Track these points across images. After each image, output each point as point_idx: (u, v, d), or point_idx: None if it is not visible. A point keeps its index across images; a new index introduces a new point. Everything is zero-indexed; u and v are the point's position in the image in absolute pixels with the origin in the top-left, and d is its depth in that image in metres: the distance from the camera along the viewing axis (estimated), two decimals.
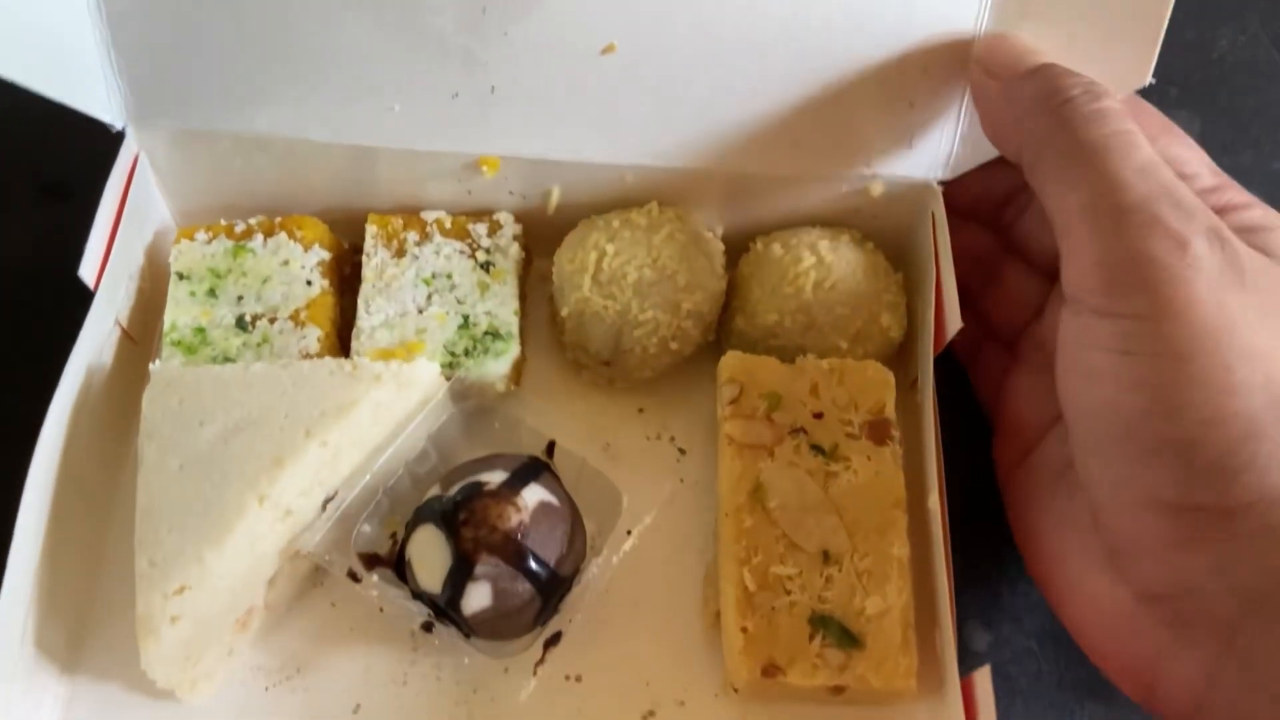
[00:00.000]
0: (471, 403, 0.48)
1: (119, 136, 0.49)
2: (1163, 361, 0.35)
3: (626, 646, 0.46)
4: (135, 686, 0.44)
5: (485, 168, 0.49)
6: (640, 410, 0.52)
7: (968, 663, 0.45)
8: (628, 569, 0.47)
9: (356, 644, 0.46)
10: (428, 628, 0.42)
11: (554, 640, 0.44)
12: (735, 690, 0.44)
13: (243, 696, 0.45)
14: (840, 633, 0.42)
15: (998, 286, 0.50)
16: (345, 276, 0.52)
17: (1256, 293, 0.35)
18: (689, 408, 0.52)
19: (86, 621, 0.45)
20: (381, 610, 0.46)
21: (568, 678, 0.46)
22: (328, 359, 0.45)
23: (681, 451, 0.51)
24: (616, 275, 0.48)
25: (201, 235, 0.50)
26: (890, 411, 0.47)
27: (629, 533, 0.44)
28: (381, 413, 0.44)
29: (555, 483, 0.45)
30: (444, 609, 0.43)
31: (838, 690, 0.42)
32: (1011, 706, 0.46)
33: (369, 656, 0.46)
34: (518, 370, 0.50)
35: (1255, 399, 0.34)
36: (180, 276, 0.49)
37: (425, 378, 0.45)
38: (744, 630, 0.42)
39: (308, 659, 0.46)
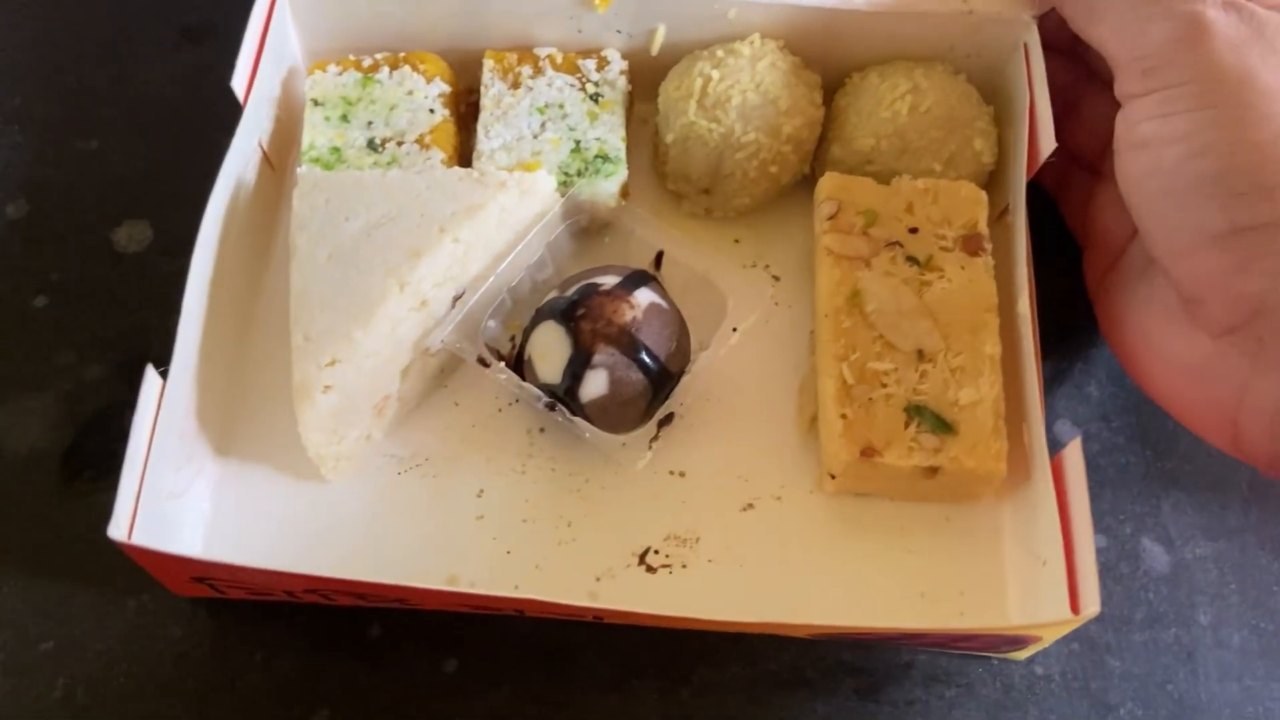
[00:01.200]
0: (585, 216, 0.51)
1: None
2: (1193, 113, 0.40)
3: (727, 446, 0.50)
4: (281, 468, 0.48)
5: (596, 2, 0.52)
6: (737, 241, 0.55)
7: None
8: (728, 377, 0.50)
9: (479, 439, 0.50)
10: (551, 407, 0.46)
11: (667, 420, 0.47)
12: (832, 477, 0.47)
13: (378, 479, 0.49)
14: (935, 420, 0.45)
15: (1080, 113, 0.52)
16: (462, 115, 0.56)
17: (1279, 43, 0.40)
18: (784, 239, 0.55)
19: (237, 411, 0.50)
20: (501, 411, 0.50)
21: (672, 473, 0.49)
22: (457, 168, 0.48)
23: (776, 278, 0.54)
24: (721, 99, 0.50)
25: (333, 68, 0.53)
26: (983, 227, 0.49)
27: (735, 330, 0.47)
28: (506, 217, 0.48)
29: (662, 290, 0.49)
30: (563, 398, 0.46)
31: (931, 472, 0.45)
32: (1101, 494, 0.49)
33: (490, 449, 0.50)
34: (624, 194, 0.53)
35: None
36: (315, 103, 0.52)
37: (543, 189, 0.49)
38: (843, 417, 0.45)
39: (435, 450, 0.50)
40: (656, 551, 0.48)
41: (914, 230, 0.49)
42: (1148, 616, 0.47)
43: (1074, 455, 0.42)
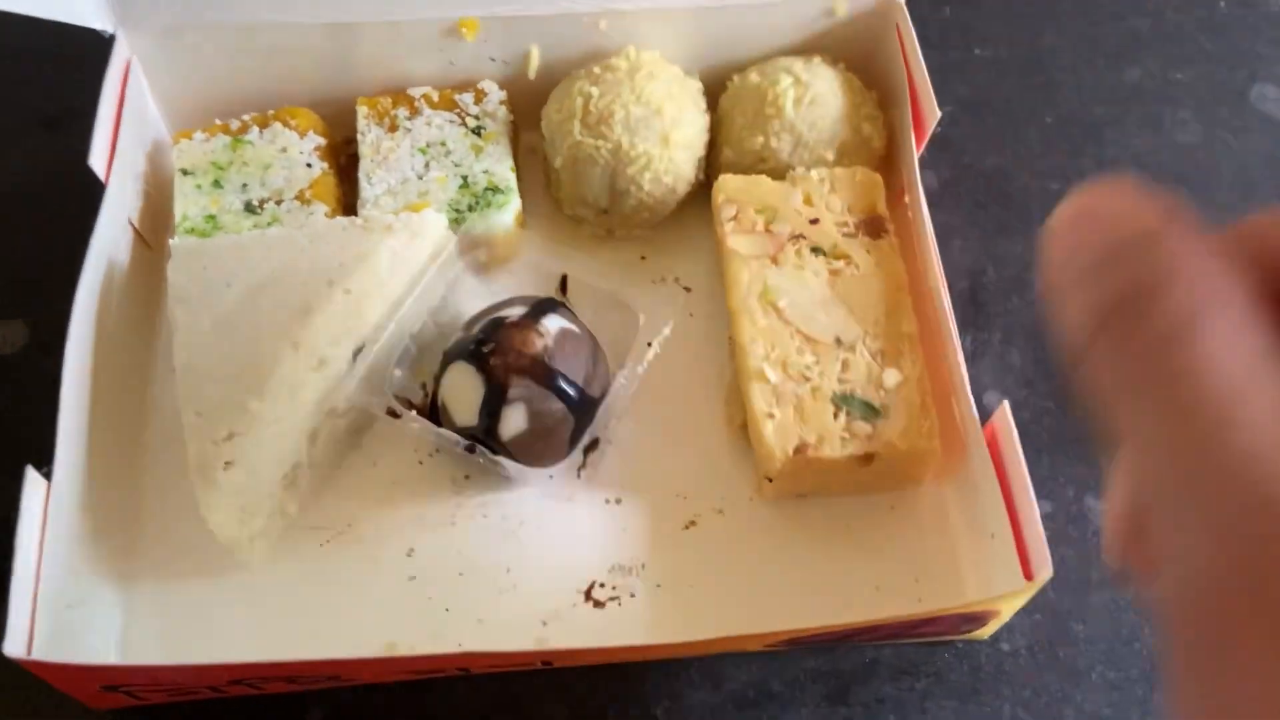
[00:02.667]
0: (482, 252, 0.50)
1: (109, 50, 0.51)
2: None
3: (658, 467, 0.48)
4: (193, 560, 0.45)
5: (464, 30, 0.51)
6: (643, 258, 0.54)
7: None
8: (651, 395, 0.49)
9: (401, 497, 0.48)
10: (470, 449, 0.44)
11: (593, 446, 0.45)
12: (769, 480, 0.45)
13: (300, 554, 0.46)
14: (863, 406, 0.44)
15: None
16: (342, 167, 0.54)
17: None
18: (689, 251, 0.54)
19: (137, 503, 0.47)
20: (421, 464, 0.48)
21: (608, 501, 0.47)
22: (340, 218, 0.47)
23: (687, 290, 0.53)
24: (604, 116, 0.49)
25: (199, 135, 0.51)
26: (883, 209, 0.49)
27: (650, 344, 0.46)
28: (397, 262, 0.46)
29: (572, 315, 0.47)
30: (482, 439, 0.44)
31: (867, 460, 0.44)
32: (1038, 461, 0.48)
33: (415, 506, 0.47)
34: (520, 225, 0.52)
35: None
36: (185, 172, 0.50)
37: (434, 228, 0.47)
38: (772, 417, 0.44)
39: (357, 515, 0.47)
40: (602, 585, 0.46)
41: (815, 221, 0.49)
42: (1104, 577, 0.47)
43: (1004, 421, 0.41)
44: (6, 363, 0.51)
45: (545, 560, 0.46)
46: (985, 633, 0.44)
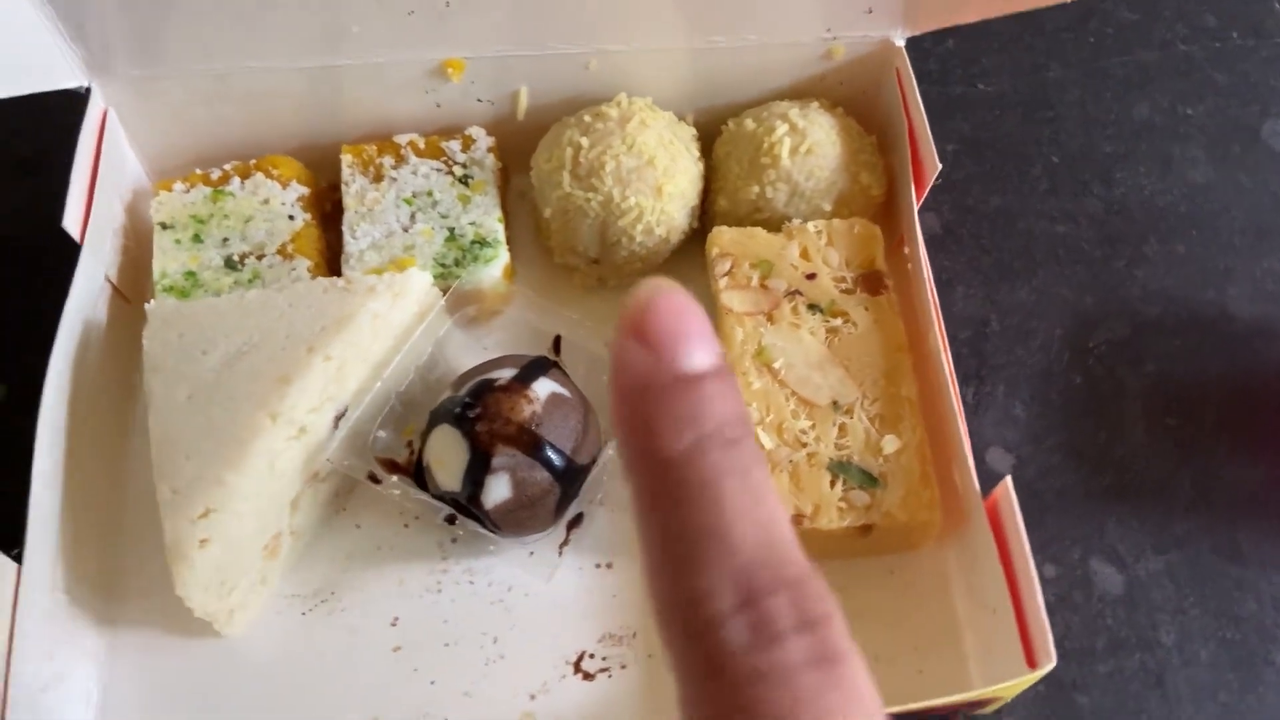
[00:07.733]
0: (472, 308, 0.48)
1: (86, 100, 0.49)
2: None
3: None
4: (174, 630, 0.44)
5: (450, 70, 0.50)
6: None
7: (993, 486, 0.46)
8: None
9: (386, 562, 0.46)
10: (451, 520, 0.43)
11: (577, 521, 0.44)
12: None
13: (281, 625, 0.45)
14: (860, 475, 0.43)
15: None
16: (327, 214, 0.52)
17: None
18: None
19: (115, 572, 0.45)
20: (407, 526, 0.47)
21: (599, 565, 0.46)
22: (320, 279, 0.45)
23: None
24: (595, 167, 0.48)
25: (179, 186, 0.50)
26: (881, 263, 0.47)
27: None
28: (380, 324, 0.44)
29: (564, 377, 0.46)
30: (466, 506, 0.43)
31: (865, 530, 0.43)
32: (1043, 522, 0.47)
33: (401, 572, 0.46)
34: (509, 275, 0.50)
35: None
36: (164, 226, 0.49)
37: (418, 287, 0.46)
38: None
39: (340, 582, 0.46)
40: (592, 655, 0.44)
41: (811, 276, 0.47)
42: (1109, 644, 0.45)
43: (1006, 497, 0.40)
44: None
45: (533, 629, 0.45)
46: (989, 709, 0.43)
